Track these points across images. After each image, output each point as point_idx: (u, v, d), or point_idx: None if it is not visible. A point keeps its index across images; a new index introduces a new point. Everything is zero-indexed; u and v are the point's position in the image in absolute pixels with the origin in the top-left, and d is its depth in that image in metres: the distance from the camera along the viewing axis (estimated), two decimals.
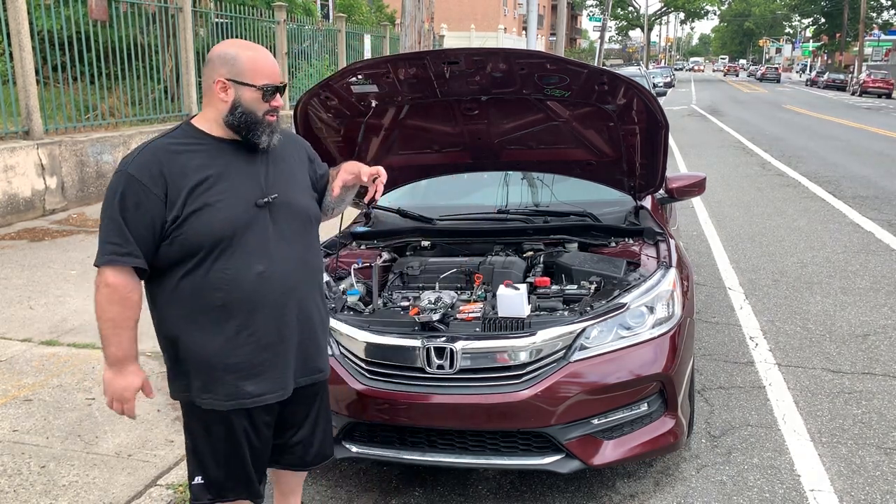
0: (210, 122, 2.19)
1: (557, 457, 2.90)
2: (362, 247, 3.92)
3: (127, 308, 2.13)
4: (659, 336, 2.99)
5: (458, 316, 3.06)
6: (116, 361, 2.19)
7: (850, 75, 49.29)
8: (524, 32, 29.45)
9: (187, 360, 2.21)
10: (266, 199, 2.18)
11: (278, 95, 2.20)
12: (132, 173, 2.07)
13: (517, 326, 2.92)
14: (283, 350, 2.24)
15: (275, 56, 10.89)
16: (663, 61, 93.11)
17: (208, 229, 2.08)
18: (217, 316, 2.14)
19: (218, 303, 2.13)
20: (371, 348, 2.98)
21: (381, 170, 2.41)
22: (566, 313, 3.04)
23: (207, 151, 2.15)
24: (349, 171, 2.41)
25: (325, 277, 3.06)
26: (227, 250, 2.12)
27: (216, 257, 2.11)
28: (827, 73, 53.54)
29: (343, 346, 3.02)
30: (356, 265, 3.60)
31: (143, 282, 2.18)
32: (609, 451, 2.92)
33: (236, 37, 12.49)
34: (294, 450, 2.48)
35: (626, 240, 3.79)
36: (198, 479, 2.33)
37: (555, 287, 3.31)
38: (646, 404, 2.99)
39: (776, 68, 72.35)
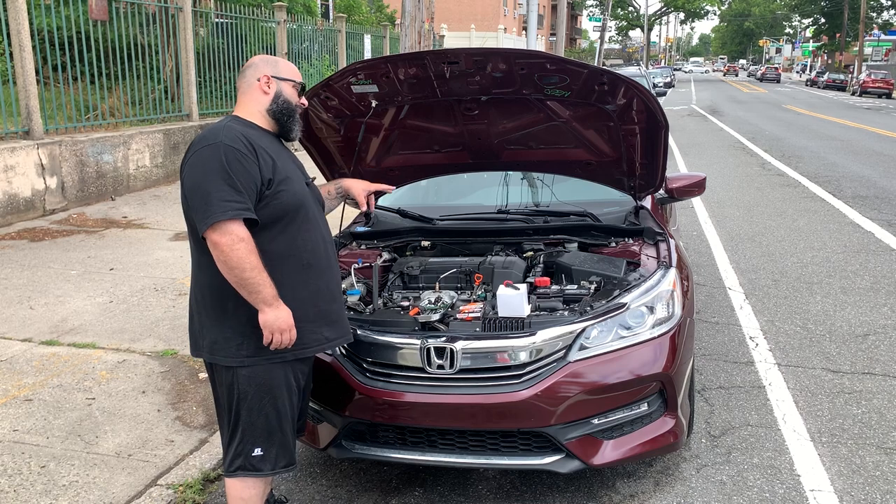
0: (254, 114, 2.54)
1: (557, 457, 2.90)
2: (362, 247, 3.92)
3: (258, 255, 2.33)
4: (659, 336, 2.99)
5: (458, 316, 3.06)
6: (273, 299, 2.36)
7: (850, 75, 49.29)
8: (524, 32, 29.46)
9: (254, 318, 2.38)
10: (308, 181, 2.61)
11: (303, 96, 2.65)
12: (228, 143, 2.34)
13: (517, 326, 2.93)
14: (340, 302, 2.66)
15: (275, 56, 10.89)
16: (663, 61, 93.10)
17: (292, 198, 2.43)
18: (305, 273, 2.47)
19: (304, 262, 2.48)
20: (371, 348, 2.98)
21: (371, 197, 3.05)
22: (566, 313, 3.04)
23: (266, 138, 2.50)
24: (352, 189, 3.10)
25: None
26: (303, 218, 2.48)
27: (299, 223, 2.46)
28: (827, 73, 53.55)
29: (343, 346, 3.02)
30: (356, 265, 3.60)
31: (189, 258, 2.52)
32: (609, 451, 2.93)
33: (236, 36, 12.52)
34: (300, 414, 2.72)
35: (626, 240, 3.79)
36: (257, 451, 2.49)
37: (555, 287, 3.31)
38: (646, 404, 2.99)
39: (776, 68, 72.37)
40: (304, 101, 2.64)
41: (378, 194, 3.18)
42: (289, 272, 2.43)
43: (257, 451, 2.46)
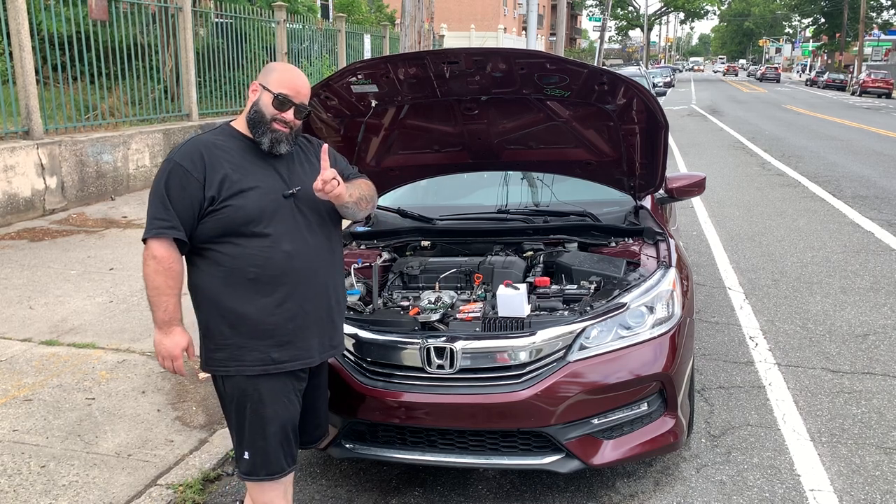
0: (242, 122, 2.49)
1: (557, 457, 2.90)
2: (362, 247, 3.92)
3: (170, 277, 2.37)
4: (659, 336, 2.99)
5: (458, 316, 3.06)
6: (163, 324, 2.43)
7: (849, 75, 49.28)
8: (524, 32, 29.45)
9: (221, 331, 2.42)
10: (291, 192, 2.45)
11: (291, 112, 2.44)
12: (177, 161, 2.38)
13: (517, 326, 2.93)
14: (305, 323, 2.47)
15: (274, 56, 10.88)
16: (663, 61, 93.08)
17: (242, 212, 2.35)
18: (250, 288, 2.39)
19: (251, 276, 2.38)
20: (371, 348, 2.98)
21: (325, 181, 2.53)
22: (566, 313, 3.04)
23: (241, 147, 2.45)
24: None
25: None
26: (258, 231, 2.38)
27: (249, 236, 2.37)
28: (827, 73, 53.52)
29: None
30: (356, 265, 3.60)
31: (183, 256, 2.42)
32: (609, 451, 2.93)
33: (236, 36, 12.51)
34: (304, 429, 2.64)
35: (626, 240, 3.79)
36: (245, 455, 2.47)
37: (555, 287, 3.31)
38: (646, 404, 2.99)
39: (776, 68, 72.36)
40: (286, 115, 2.43)
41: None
42: (235, 286, 2.39)
43: (245, 455, 2.47)
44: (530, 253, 3.68)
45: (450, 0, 40.52)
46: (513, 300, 2.98)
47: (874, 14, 60.68)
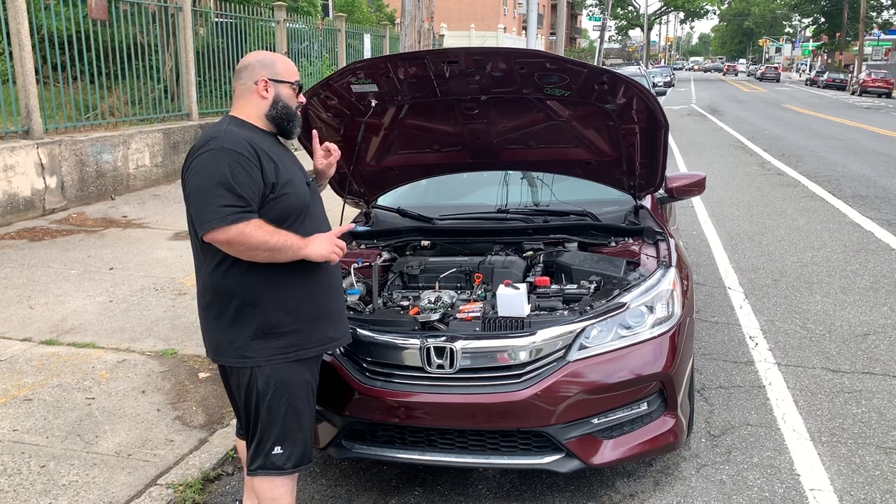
0: (252, 116, 2.50)
1: (557, 456, 2.90)
2: (362, 246, 3.92)
3: (266, 225, 2.33)
4: (659, 335, 2.99)
5: (457, 315, 3.06)
6: (303, 241, 2.41)
7: (849, 75, 49.28)
8: (524, 32, 29.44)
9: (281, 320, 2.43)
10: (311, 178, 2.65)
11: (301, 94, 2.61)
12: (231, 147, 2.33)
13: (517, 326, 2.92)
14: (341, 302, 2.65)
15: (272, 53, 10.81)
16: (663, 61, 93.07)
17: (296, 199, 2.44)
18: (303, 272, 2.45)
19: (300, 264, 2.43)
20: (371, 348, 2.98)
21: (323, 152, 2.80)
22: (566, 313, 3.04)
23: (268, 141, 2.49)
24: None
25: None
26: (306, 217, 2.49)
27: (301, 222, 2.47)
28: (827, 73, 53.52)
29: (343, 346, 3.02)
30: (356, 265, 3.60)
31: (217, 263, 2.41)
32: (609, 451, 2.93)
33: (236, 36, 12.51)
34: None
35: (626, 239, 3.79)
36: (277, 449, 2.47)
37: (555, 287, 3.31)
38: (645, 404, 2.99)
39: (775, 68, 72.34)
40: (302, 98, 2.61)
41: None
42: (292, 271, 2.42)
43: (277, 450, 2.46)
44: (530, 253, 3.68)
45: (450, 0, 40.51)
46: (513, 300, 2.98)
47: (874, 14, 60.68)
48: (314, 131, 2.86)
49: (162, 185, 10.10)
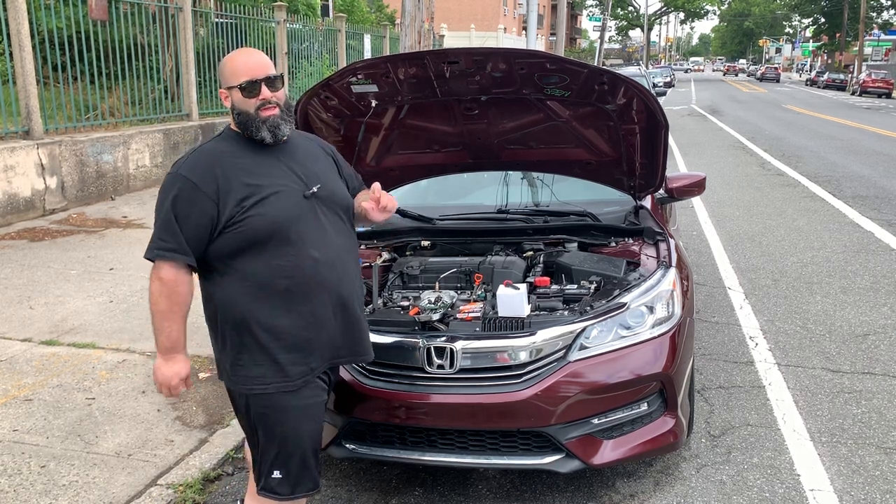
0: (236, 125, 2.36)
1: (557, 456, 2.90)
2: (362, 246, 3.92)
3: (175, 302, 2.29)
4: (659, 336, 2.99)
5: (458, 316, 3.06)
6: (165, 350, 2.36)
7: (849, 75, 49.28)
8: (524, 32, 29.44)
9: (259, 346, 2.29)
10: (312, 191, 2.33)
11: (264, 87, 2.28)
12: (184, 174, 2.23)
13: (517, 326, 2.92)
14: (333, 328, 2.39)
15: (274, 56, 10.83)
16: (663, 61, 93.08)
17: (265, 221, 2.22)
18: (282, 299, 2.27)
19: (282, 287, 2.27)
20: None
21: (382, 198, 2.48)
22: (566, 313, 3.04)
23: (251, 153, 2.31)
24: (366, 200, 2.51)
25: None
26: (285, 239, 2.25)
27: (276, 245, 2.25)
28: (827, 73, 53.50)
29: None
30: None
31: (195, 275, 2.33)
32: (609, 451, 2.93)
33: (236, 36, 12.51)
34: None
35: (626, 239, 3.79)
36: (276, 474, 2.37)
37: (555, 287, 3.31)
38: (646, 404, 2.99)
39: (775, 68, 72.34)
40: (264, 94, 2.27)
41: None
42: (266, 299, 2.26)
43: (276, 474, 2.35)
44: (530, 253, 3.68)
45: (450, 0, 40.51)
46: (513, 300, 2.98)
47: (874, 14, 60.67)
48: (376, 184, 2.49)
49: None
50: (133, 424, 3.72)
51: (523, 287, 3.06)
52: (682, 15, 78.32)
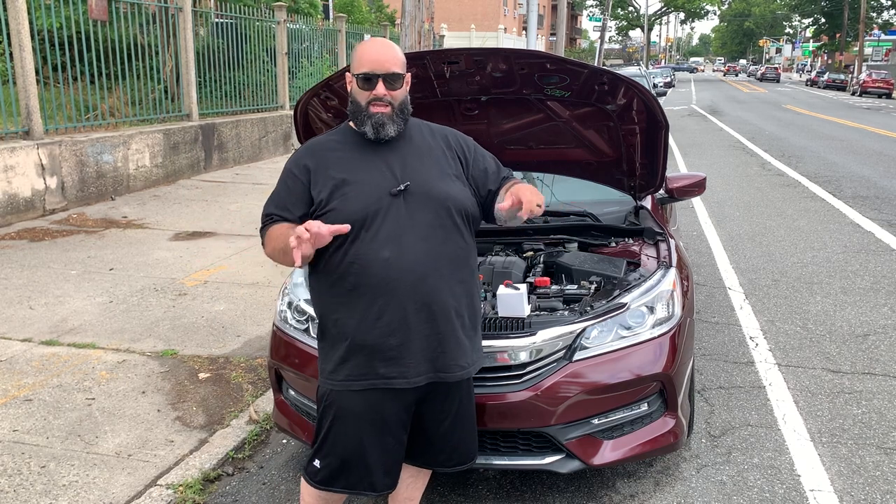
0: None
1: (557, 457, 2.90)
2: None
3: (273, 238, 2.31)
4: (659, 336, 2.99)
5: None
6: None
7: (850, 75, 49.28)
8: (524, 32, 29.44)
9: (328, 339, 2.35)
10: (400, 188, 2.25)
11: (381, 84, 2.26)
12: (287, 165, 2.39)
13: (517, 326, 2.92)
14: (410, 337, 2.25)
15: (275, 56, 10.84)
16: (663, 61, 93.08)
17: (341, 216, 2.20)
18: (349, 297, 2.25)
19: (349, 286, 2.24)
20: None
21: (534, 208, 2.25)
22: (566, 313, 3.04)
23: (350, 145, 2.35)
24: (515, 195, 2.26)
25: None
26: (359, 236, 2.22)
27: (351, 242, 2.22)
28: (827, 73, 53.52)
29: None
30: None
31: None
32: (609, 451, 2.93)
33: (236, 36, 12.51)
34: (429, 449, 2.50)
35: (626, 240, 3.79)
36: (315, 462, 2.41)
37: (555, 287, 3.31)
38: (646, 404, 2.99)
39: (776, 68, 72.36)
40: (378, 90, 2.26)
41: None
42: (338, 294, 2.27)
43: (316, 462, 2.41)
44: (530, 253, 3.68)
45: (450, 0, 40.53)
46: (513, 300, 2.98)
47: (874, 14, 60.71)
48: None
49: (162, 185, 10.10)
50: (133, 424, 3.71)
51: (523, 287, 3.05)
52: (682, 15, 78.39)
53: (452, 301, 2.29)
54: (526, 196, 2.22)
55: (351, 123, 2.39)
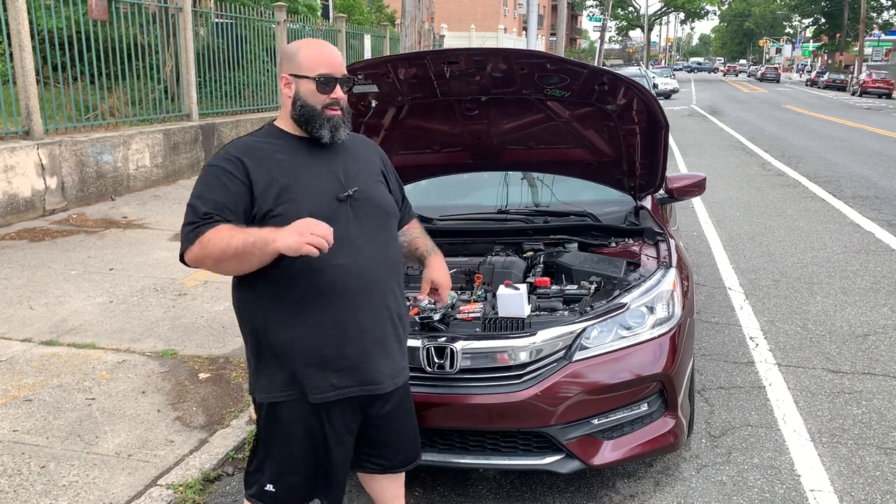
0: (286, 120, 2.25)
1: (557, 457, 2.90)
2: None
3: (227, 236, 2.02)
4: (659, 336, 2.99)
5: (458, 316, 3.06)
6: (269, 233, 2.00)
7: (850, 75, 49.27)
8: (524, 32, 29.44)
9: (271, 353, 2.20)
10: (347, 193, 2.20)
11: (338, 87, 2.20)
12: (216, 164, 2.14)
13: (517, 326, 2.92)
14: (365, 344, 2.22)
15: (275, 56, 10.87)
16: (664, 61, 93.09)
17: (287, 222, 2.03)
18: (299, 307, 2.15)
19: (299, 294, 2.14)
20: None
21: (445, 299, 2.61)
22: (566, 313, 3.04)
23: (290, 149, 2.20)
24: (432, 282, 2.57)
25: None
26: None
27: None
28: (827, 73, 53.49)
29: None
30: None
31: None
32: (609, 452, 2.93)
33: (236, 36, 12.50)
34: (380, 452, 2.47)
35: (626, 240, 3.79)
36: (269, 487, 2.29)
37: (555, 287, 3.31)
38: (646, 404, 2.99)
39: (776, 68, 72.36)
40: (336, 94, 2.18)
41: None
42: (283, 305, 2.15)
43: (269, 487, 2.29)
44: (530, 253, 3.68)
45: (450, 0, 40.52)
46: (513, 300, 2.98)
47: (874, 14, 60.70)
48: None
49: (162, 185, 10.10)
50: (133, 425, 3.71)
51: (523, 287, 3.06)
52: (682, 15, 78.38)
53: (395, 306, 2.31)
54: (445, 283, 2.56)
55: (282, 126, 2.25)
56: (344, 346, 2.18)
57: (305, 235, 1.94)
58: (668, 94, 36.28)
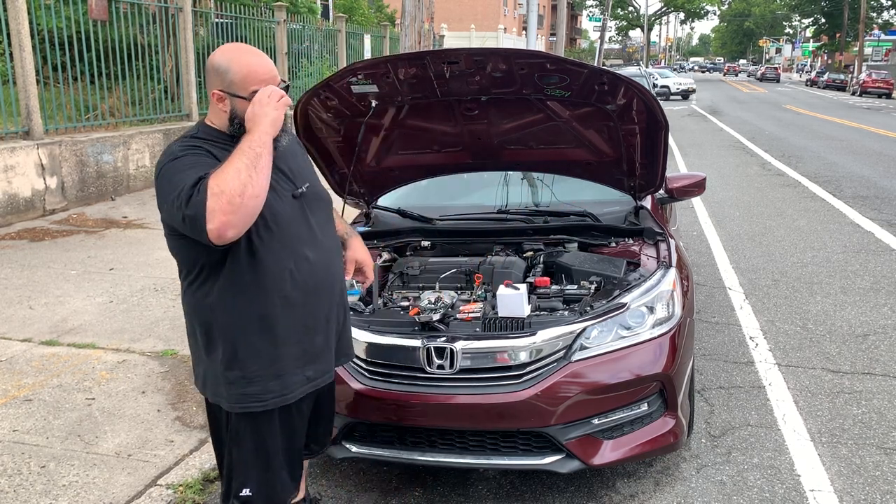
0: (219, 126, 2.18)
1: (557, 457, 2.90)
2: None
3: (229, 172, 1.95)
4: (659, 336, 2.99)
5: (458, 316, 3.06)
6: (255, 132, 2.01)
7: (850, 75, 49.27)
8: (524, 32, 29.44)
9: (246, 359, 2.16)
10: (301, 190, 2.22)
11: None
12: (179, 154, 2.06)
13: (517, 326, 2.92)
14: (329, 334, 2.33)
15: (275, 56, 10.85)
16: (663, 61, 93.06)
17: (260, 220, 2.04)
18: (277, 304, 2.15)
19: (279, 291, 2.15)
20: (371, 348, 2.98)
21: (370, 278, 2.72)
22: (566, 313, 3.04)
23: (232, 149, 2.10)
24: (356, 261, 2.64)
25: None
26: (276, 240, 2.13)
27: (267, 246, 2.11)
28: (827, 73, 53.47)
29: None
30: None
31: (188, 282, 2.19)
32: (609, 451, 2.93)
33: (236, 37, 12.49)
34: (316, 437, 2.57)
35: (626, 240, 3.79)
36: (245, 492, 2.29)
37: (555, 287, 3.31)
38: (646, 404, 2.99)
39: (775, 68, 72.35)
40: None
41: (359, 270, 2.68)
42: (261, 304, 2.13)
43: (245, 492, 2.27)
44: (530, 253, 3.68)
45: (450, 0, 40.52)
46: (513, 300, 2.98)
47: (874, 14, 60.71)
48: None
49: None
50: (133, 424, 3.71)
51: (523, 287, 3.06)
52: (682, 15, 78.37)
53: (342, 296, 2.42)
54: (369, 262, 2.64)
55: (219, 127, 2.17)
56: (315, 338, 2.26)
57: (273, 105, 2.03)
58: (686, 95, 36.22)
